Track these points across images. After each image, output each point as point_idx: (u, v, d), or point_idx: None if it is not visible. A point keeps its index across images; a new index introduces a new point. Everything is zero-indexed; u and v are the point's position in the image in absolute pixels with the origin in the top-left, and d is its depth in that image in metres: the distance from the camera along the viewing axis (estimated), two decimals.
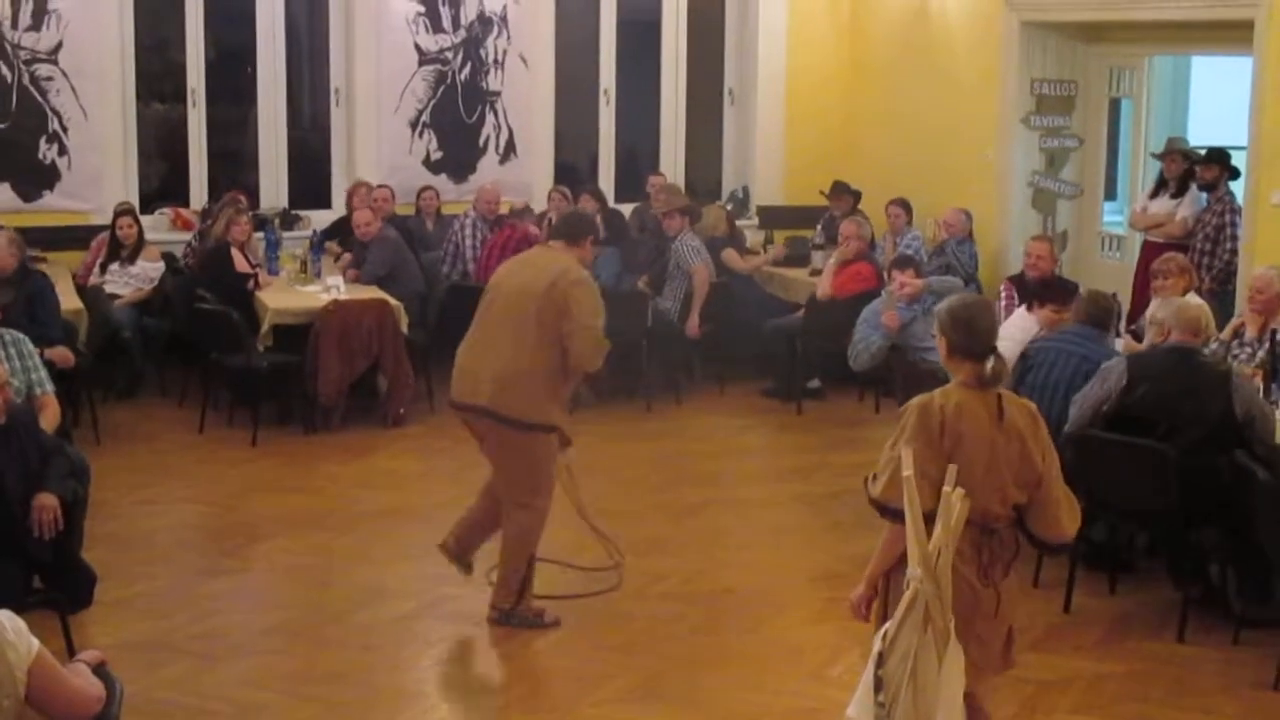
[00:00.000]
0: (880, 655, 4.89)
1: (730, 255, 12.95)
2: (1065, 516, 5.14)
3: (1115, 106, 13.39)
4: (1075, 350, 8.06)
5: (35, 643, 4.27)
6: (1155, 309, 7.90)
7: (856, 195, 13.51)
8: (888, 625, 4.96)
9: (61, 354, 9.53)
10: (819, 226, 13.53)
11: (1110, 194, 13.97)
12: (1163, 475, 7.16)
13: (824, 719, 6.40)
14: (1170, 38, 12.30)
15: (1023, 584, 7.90)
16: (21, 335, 7.98)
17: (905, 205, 12.85)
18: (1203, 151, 11.60)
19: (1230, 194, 11.04)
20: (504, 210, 12.96)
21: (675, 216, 12.36)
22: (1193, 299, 8.84)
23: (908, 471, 4.79)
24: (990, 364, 5.07)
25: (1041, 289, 9.65)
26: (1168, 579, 7.82)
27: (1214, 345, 8.34)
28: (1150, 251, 11.26)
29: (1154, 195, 11.78)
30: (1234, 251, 10.78)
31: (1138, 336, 9.40)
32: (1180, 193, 11.48)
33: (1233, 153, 11.25)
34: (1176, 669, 7.00)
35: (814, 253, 12.75)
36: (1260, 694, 6.74)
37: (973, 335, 5.12)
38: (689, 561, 8.39)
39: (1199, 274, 10.42)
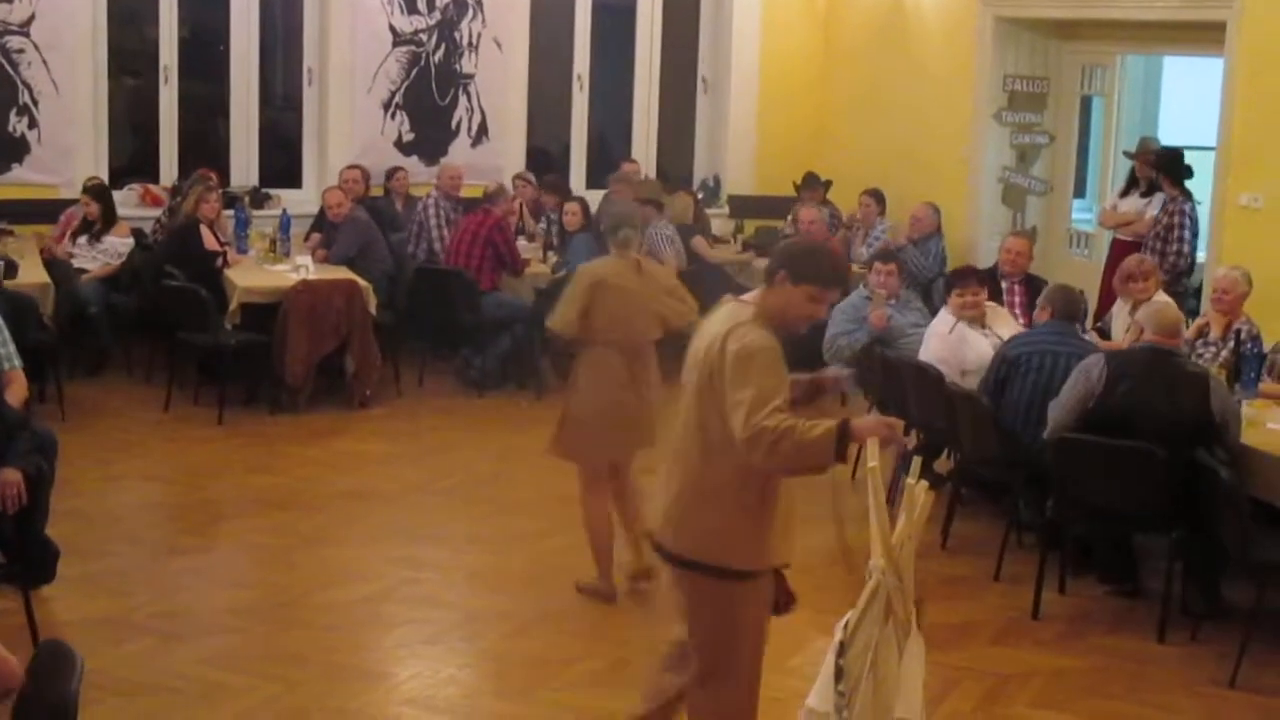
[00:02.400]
0: (841, 645, 4.92)
1: (699, 243, 12.96)
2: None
3: (1086, 104, 13.45)
4: (1060, 349, 8.06)
5: None
6: (1141, 313, 7.89)
7: (827, 185, 13.54)
8: (849, 615, 4.98)
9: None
10: (789, 217, 13.54)
11: (1080, 191, 14.03)
12: (1151, 476, 7.20)
13: (784, 709, 6.41)
14: (1142, 37, 12.36)
15: (984, 578, 7.99)
16: None
17: (877, 196, 12.88)
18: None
19: (1184, 194, 11.03)
20: (481, 194, 12.87)
21: (644, 204, 12.39)
22: (1161, 298, 8.92)
23: (873, 462, 4.82)
24: None
25: (953, 275, 9.73)
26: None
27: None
28: (1119, 249, 11.31)
29: (1124, 194, 11.83)
30: (1181, 252, 10.84)
31: (1104, 334, 9.47)
32: (1151, 192, 11.52)
33: (1199, 153, 11.31)
34: (1136, 665, 7.05)
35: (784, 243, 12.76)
36: (1218, 691, 6.79)
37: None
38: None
39: None
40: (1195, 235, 10.90)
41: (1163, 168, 11.16)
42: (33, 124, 12.56)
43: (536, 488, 8.76)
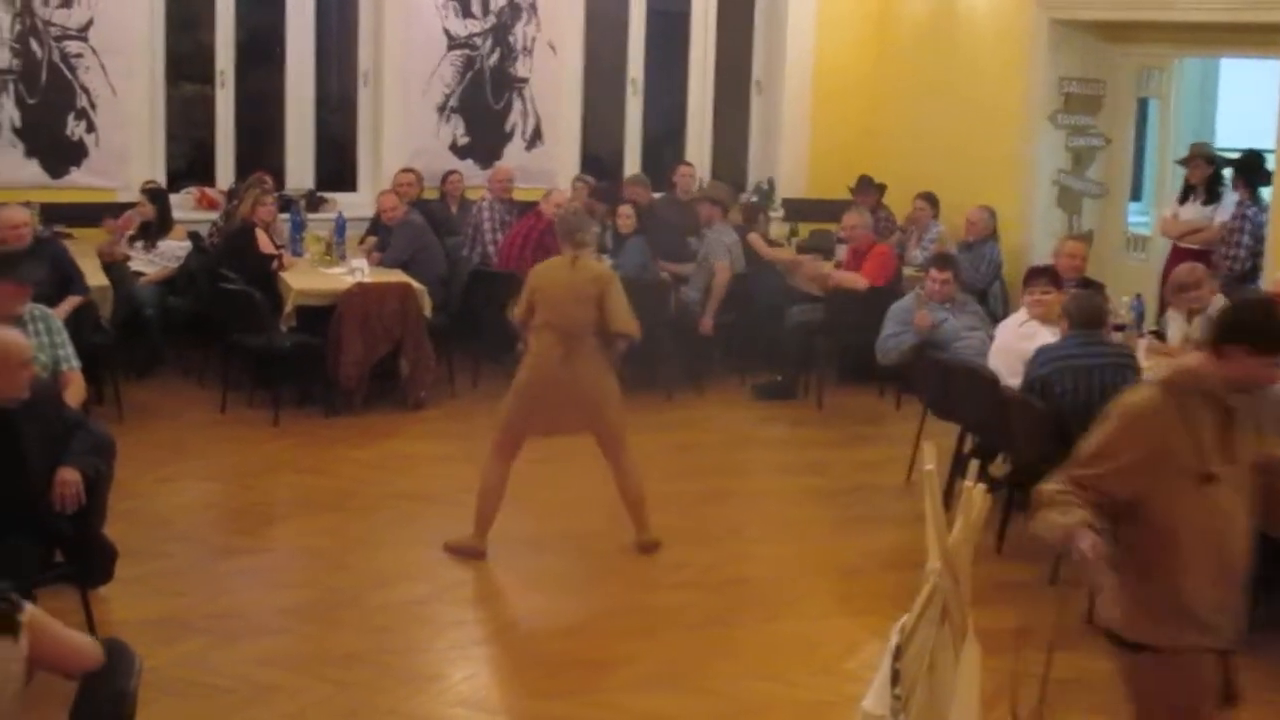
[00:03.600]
0: (897, 648, 4.88)
1: (755, 240, 12.87)
2: None
3: (1143, 107, 13.34)
4: (1088, 361, 7.99)
5: (26, 604, 4.26)
6: (1195, 329, 7.73)
7: (881, 189, 13.48)
8: (905, 618, 4.95)
9: (71, 300, 9.83)
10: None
11: (1135, 195, 13.93)
12: None
13: (837, 712, 6.39)
14: (1199, 39, 12.24)
15: (1040, 583, 7.92)
16: (49, 311, 8.00)
17: (931, 199, 12.80)
18: (1229, 154, 11.54)
19: (1253, 196, 10.95)
20: (541, 197, 12.85)
21: (707, 205, 12.40)
22: (1219, 303, 8.84)
23: (930, 466, 4.77)
24: None
25: (1027, 273, 9.65)
26: None
27: None
28: (1180, 257, 11.22)
29: (1183, 201, 11.70)
30: (1238, 257, 10.74)
31: (1160, 336, 9.39)
32: (1211, 198, 11.40)
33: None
34: None
35: (838, 246, 12.71)
36: (1275, 698, 6.71)
37: None
38: (706, 552, 8.39)
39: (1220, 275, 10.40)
40: (1258, 240, 10.78)
41: (1241, 169, 11.05)
42: (90, 128, 12.64)
43: (588, 489, 8.74)
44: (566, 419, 8.26)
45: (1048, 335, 8.75)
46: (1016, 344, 8.82)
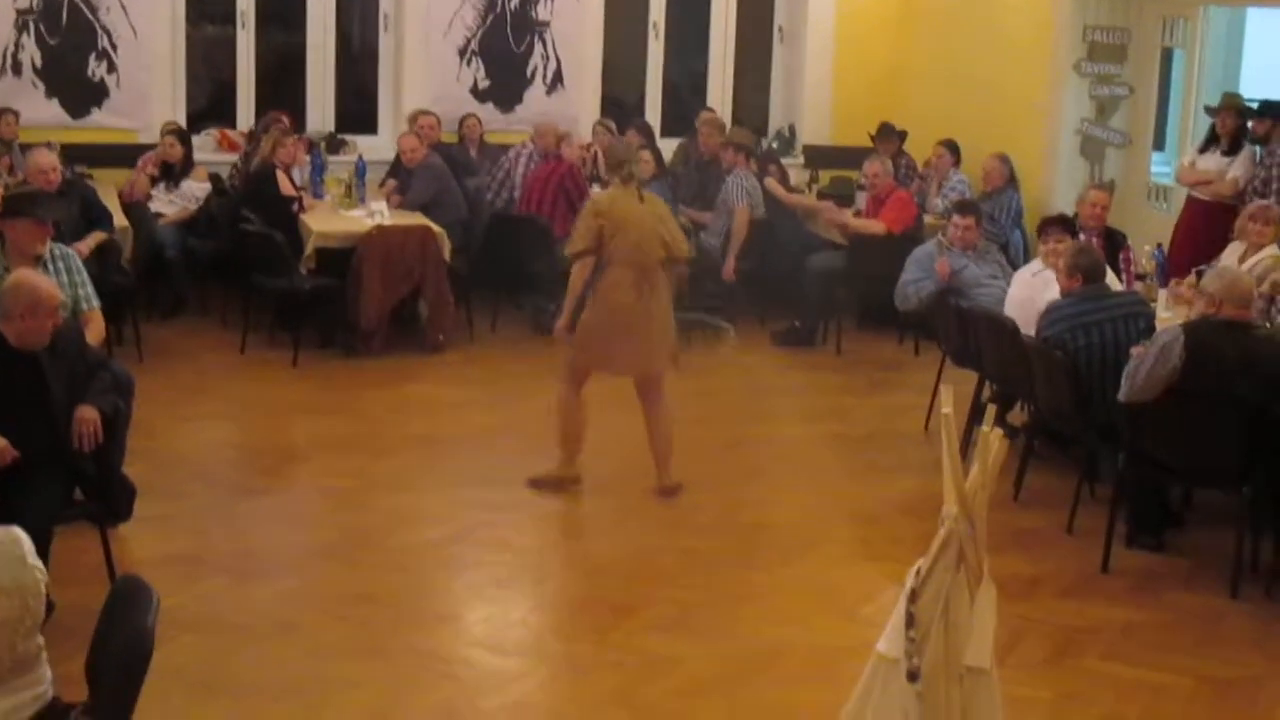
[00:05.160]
0: (913, 592, 4.88)
1: (773, 184, 12.84)
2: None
3: (1167, 56, 13.26)
4: (1098, 317, 7.98)
5: None
6: (1213, 285, 7.66)
7: (902, 136, 13.44)
8: (921, 563, 4.95)
9: (97, 236, 9.99)
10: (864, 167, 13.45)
11: (1159, 144, 13.86)
12: (1225, 432, 7.15)
13: (854, 657, 6.38)
14: None
15: (1056, 531, 7.94)
16: (70, 250, 8.01)
17: (952, 147, 12.75)
18: (1256, 105, 11.47)
19: None
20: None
21: (731, 150, 12.37)
22: (1271, 251, 8.90)
23: (947, 409, 4.77)
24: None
25: (1041, 223, 9.64)
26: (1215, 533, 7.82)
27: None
28: (1193, 209, 11.19)
29: (1203, 150, 11.61)
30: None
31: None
32: (1233, 150, 11.30)
33: None
34: (1206, 622, 6.99)
35: (859, 193, 12.69)
36: None
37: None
38: (725, 496, 8.41)
39: None
40: None
41: (1275, 119, 10.94)
42: (111, 69, 12.65)
43: (610, 433, 8.75)
44: (626, 358, 8.25)
45: None
46: (1031, 295, 8.81)
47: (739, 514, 8.18)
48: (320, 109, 13.64)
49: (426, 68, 13.61)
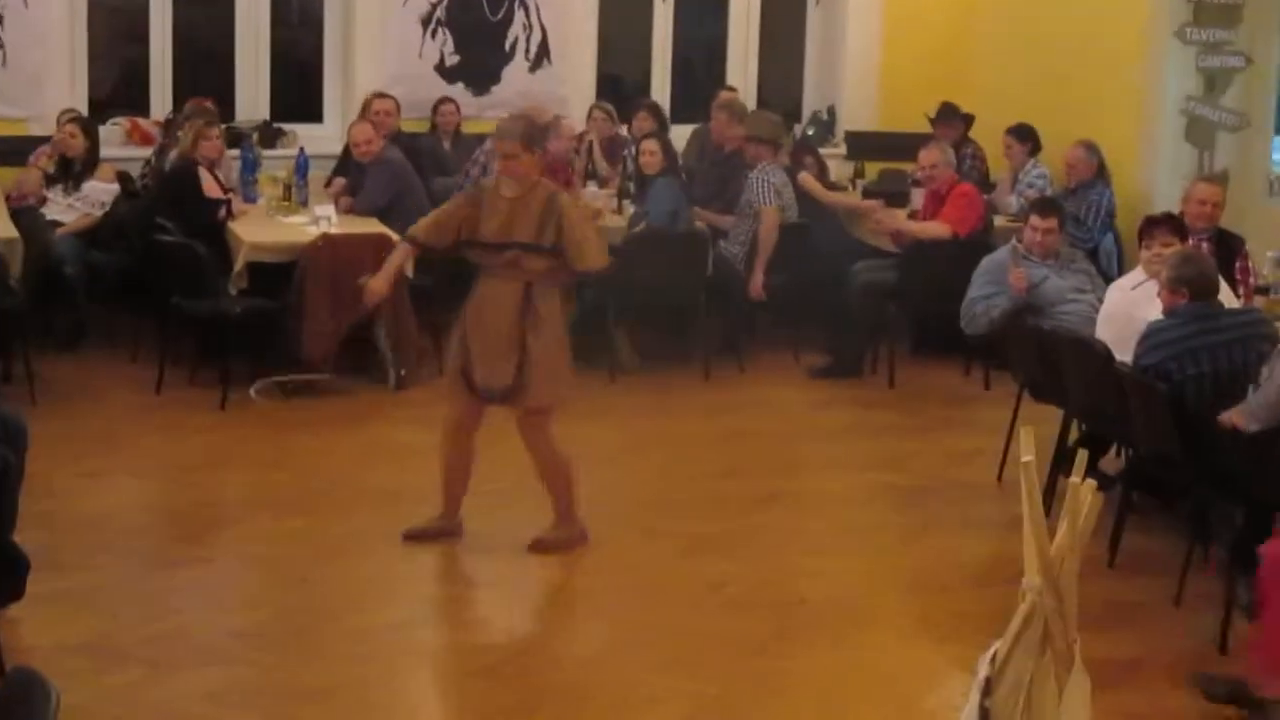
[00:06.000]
0: (987, 682, 4.89)
1: (808, 181, 12.86)
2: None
3: None
4: (1208, 340, 7.97)
5: None
6: None
7: (968, 120, 13.47)
8: (996, 645, 4.96)
9: None
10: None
11: None
12: None
13: None
14: None
15: (1163, 603, 7.93)
16: None
17: (1025, 134, 12.78)
18: None
19: None
20: None
21: (753, 145, 12.37)
22: None
23: (1028, 457, 4.78)
24: None
25: (1143, 224, 9.63)
26: None
27: None
28: None
29: None
30: None
31: None
32: None
33: None
34: None
35: (914, 190, 12.71)
36: None
37: None
38: (754, 566, 8.41)
39: None
40: None
41: None
42: None
43: (609, 488, 8.76)
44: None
45: None
46: (1130, 310, 8.80)
47: (771, 587, 8.17)
48: (252, 92, 13.69)
49: (382, 41, 13.65)
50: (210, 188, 11.43)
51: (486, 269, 8.19)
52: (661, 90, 14.74)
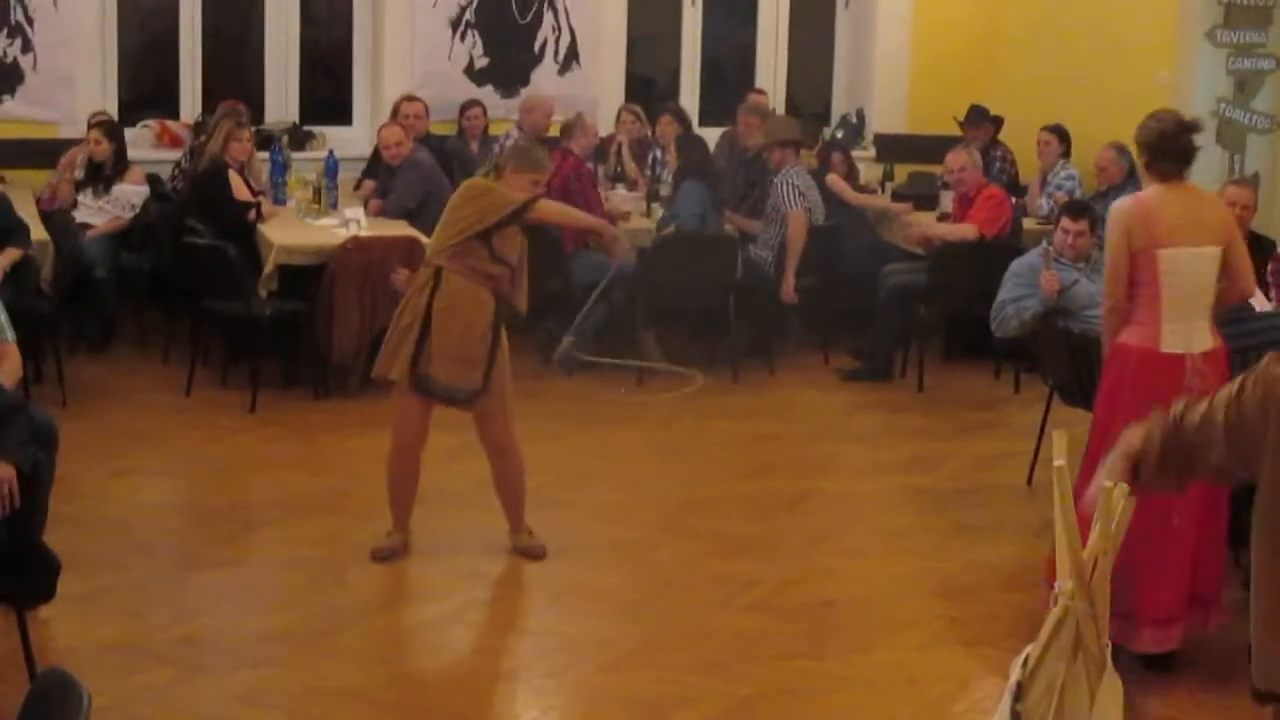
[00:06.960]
0: (1018, 686, 4.87)
1: (836, 182, 12.83)
2: None
3: None
4: (1236, 345, 7.71)
5: None
6: None
7: (997, 123, 13.44)
8: (1028, 650, 4.94)
9: (11, 254, 9.98)
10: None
11: None
12: None
13: None
14: None
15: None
16: None
17: (1060, 133, 12.76)
18: None
19: None
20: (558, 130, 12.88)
21: (777, 149, 12.33)
22: None
23: (1060, 461, 4.76)
24: None
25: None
26: None
27: None
28: None
29: None
30: None
31: None
32: None
33: None
34: None
35: (943, 193, 12.69)
36: None
37: None
38: (783, 567, 8.40)
39: None
40: None
41: None
42: (27, 47, 12.71)
43: (636, 489, 8.75)
44: None
45: None
46: None
47: (799, 589, 8.15)
48: (282, 95, 13.70)
49: (411, 44, 13.66)
50: (240, 190, 11.43)
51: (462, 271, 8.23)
52: (690, 93, 14.73)
